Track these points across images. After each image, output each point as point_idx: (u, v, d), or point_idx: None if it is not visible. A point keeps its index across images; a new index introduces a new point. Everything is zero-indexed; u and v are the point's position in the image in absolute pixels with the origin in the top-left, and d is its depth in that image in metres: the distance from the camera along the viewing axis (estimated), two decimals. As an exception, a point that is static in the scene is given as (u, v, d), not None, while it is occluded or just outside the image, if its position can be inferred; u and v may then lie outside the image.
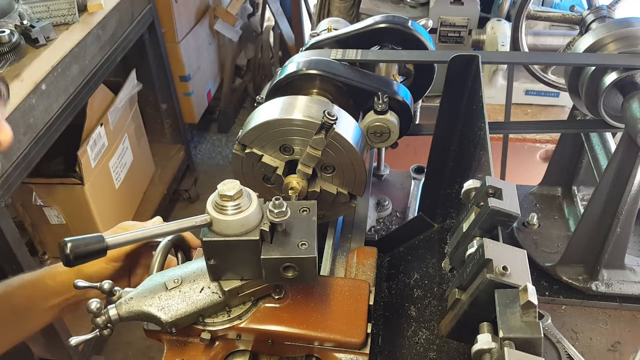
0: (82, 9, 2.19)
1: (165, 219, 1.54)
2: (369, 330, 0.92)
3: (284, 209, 0.83)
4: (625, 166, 1.19)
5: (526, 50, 1.52)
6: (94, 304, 0.86)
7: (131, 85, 2.85)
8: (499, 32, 1.98)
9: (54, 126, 2.09)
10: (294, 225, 0.86)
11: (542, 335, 0.67)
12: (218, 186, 0.82)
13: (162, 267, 0.98)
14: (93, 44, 2.31)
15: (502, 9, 2.28)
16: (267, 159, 1.05)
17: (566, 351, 1.21)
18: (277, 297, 0.93)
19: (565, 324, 1.29)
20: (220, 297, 0.89)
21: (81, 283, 0.93)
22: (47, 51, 2.00)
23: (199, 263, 0.93)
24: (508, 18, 2.20)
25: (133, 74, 2.87)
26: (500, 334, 0.67)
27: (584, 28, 1.39)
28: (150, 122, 3.30)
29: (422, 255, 1.28)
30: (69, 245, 0.79)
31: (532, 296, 0.67)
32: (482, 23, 2.19)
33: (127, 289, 0.92)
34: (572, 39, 1.43)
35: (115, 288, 0.91)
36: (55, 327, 2.21)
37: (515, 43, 1.51)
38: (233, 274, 0.89)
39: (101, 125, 2.59)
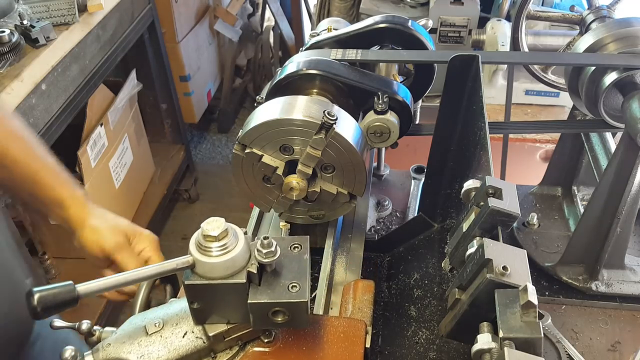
0: (82, 9, 2.19)
1: (165, 219, 1.54)
2: None
3: (273, 249, 0.76)
4: (625, 166, 1.19)
5: (526, 50, 1.52)
6: (68, 351, 0.80)
7: (131, 85, 2.85)
8: (499, 32, 1.98)
9: (54, 126, 2.09)
10: (284, 264, 0.80)
11: (542, 335, 0.67)
12: (202, 225, 0.76)
13: (145, 307, 0.93)
14: (93, 44, 2.31)
15: (502, 9, 2.27)
16: (267, 159, 1.05)
17: (566, 351, 1.20)
18: (266, 340, 0.87)
19: (565, 324, 1.29)
20: (204, 342, 0.83)
21: (58, 323, 0.87)
22: (47, 51, 2.00)
23: (182, 303, 0.87)
24: (508, 18, 2.20)
25: (133, 74, 2.87)
26: (500, 334, 0.67)
27: (584, 28, 1.39)
28: (150, 122, 3.30)
29: (422, 255, 1.28)
30: (36, 297, 0.73)
31: (532, 296, 0.67)
32: (482, 23, 2.19)
33: (107, 329, 0.86)
34: (572, 39, 1.43)
35: (95, 328, 0.85)
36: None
37: (515, 43, 1.51)
38: (218, 317, 0.83)
39: (101, 125, 2.59)
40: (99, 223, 1.11)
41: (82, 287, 0.75)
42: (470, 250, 0.81)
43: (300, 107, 1.01)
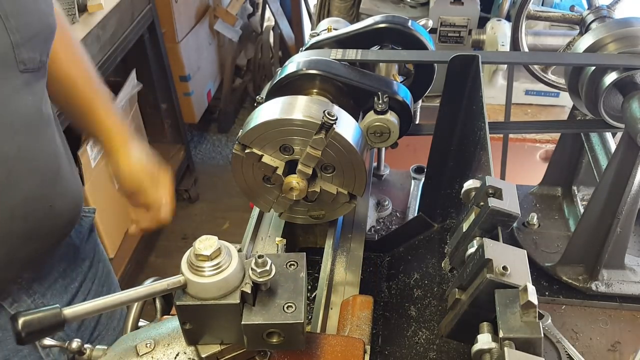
0: (82, 9, 2.19)
1: (166, 219, 1.54)
2: None
3: (267, 268, 0.74)
4: (625, 166, 1.19)
5: (526, 50, 1.52)
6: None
7: (131, 85, 2.85)
8: (499, 32, 1.98)
9: (54, 126, 2.09)
10: (280, 283, 0.78)
11: (542, 335, 0.67)
12: (194, 243, 0.74)
13: (135, 327, 0.91)
14: (93, 44, 2.31)
15: (502, 9, 2.28)
16: (267, 159, 1.05)
17: (566, 351, 1.21)
18: None
19: (565, 324, 1.29)
20: None
21: (47, 342, 0.83)
22: (47, 51, 2.00)
23: (174, 323, 0.84)
24: (508, 18, 2.20)
25: (133, 74, 2.87)
26: (500, 334, 0.67)
27: (584, 28, 1.39)
28: (150, 122, 3.30)
29: (422, 255, 1.28)
30: (20, 321, 0.70)
31: (532, 296, 0.67)
32: (482, 23, 2.19)
33: (98, 347, 0.84)
34: (572, 39, 1.43)
35: (85, 346, 0.83)
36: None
37: (515, 43, 1.51)
38: (212, 337, 0.81)
39: (101, 125, 2.58)
40: (136, 155, 1.29)
41: (69, 311, 0.72)
42: (470, 250, 0.81)
43: (300, 107, 1.01)
